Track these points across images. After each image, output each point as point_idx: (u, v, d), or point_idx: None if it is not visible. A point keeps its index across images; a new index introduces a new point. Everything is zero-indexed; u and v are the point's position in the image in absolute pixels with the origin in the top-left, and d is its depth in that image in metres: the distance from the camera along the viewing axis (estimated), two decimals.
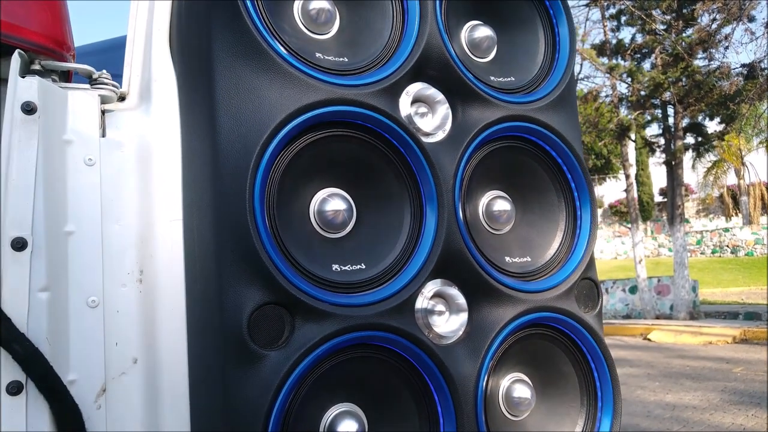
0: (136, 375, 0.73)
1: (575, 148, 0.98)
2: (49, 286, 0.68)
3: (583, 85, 12.59)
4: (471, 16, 0.99)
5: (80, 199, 0.73)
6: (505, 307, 0.89)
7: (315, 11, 0.84)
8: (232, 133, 0.73)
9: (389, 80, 0.83)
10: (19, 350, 0.64)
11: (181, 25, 0.84)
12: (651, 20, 10.67)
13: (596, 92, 11.78)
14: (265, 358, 0.71)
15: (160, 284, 0.76)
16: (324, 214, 0.81)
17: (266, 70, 0.75)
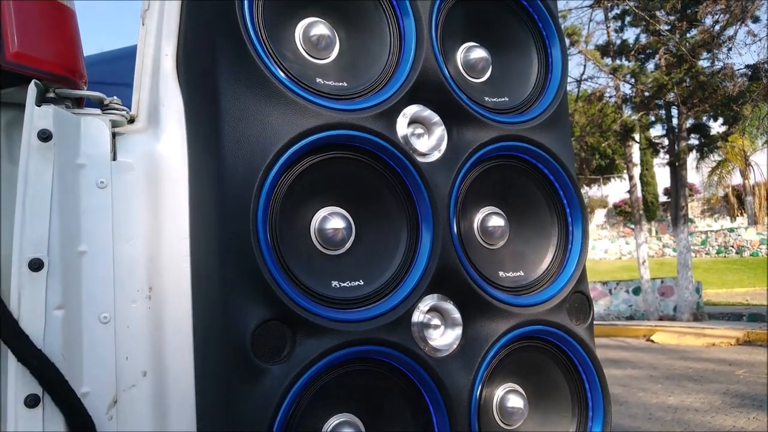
0: (146, 387, 0.77)
1: (567, 166, 1.01)
2: (64, 304, 0.72)
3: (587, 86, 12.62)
4: (467, 38, 1.02)
5: (93, 220, 0.77)
6: (498, 321, 0.92)
7: (316, 37, 0.88)
8: (237, 158, 0.77)
9: (387, 104, 0.87)
10: (37, 365, 0.68)
11: (187, 52, 0.88)
12: (655, 21, 10.66)
13: (600, 93, 11.78)
14: (268, 372, 0.75)
15: (168, 301, 0.80)
16: (324, 232, 0.84)
17: (269, 96, 0.79)
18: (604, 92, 11.90)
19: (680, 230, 11.29)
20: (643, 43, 11.25)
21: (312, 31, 0.88)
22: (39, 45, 0.75)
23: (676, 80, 10.21)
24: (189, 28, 0.87)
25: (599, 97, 11.72)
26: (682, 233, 11.28)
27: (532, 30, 1.04)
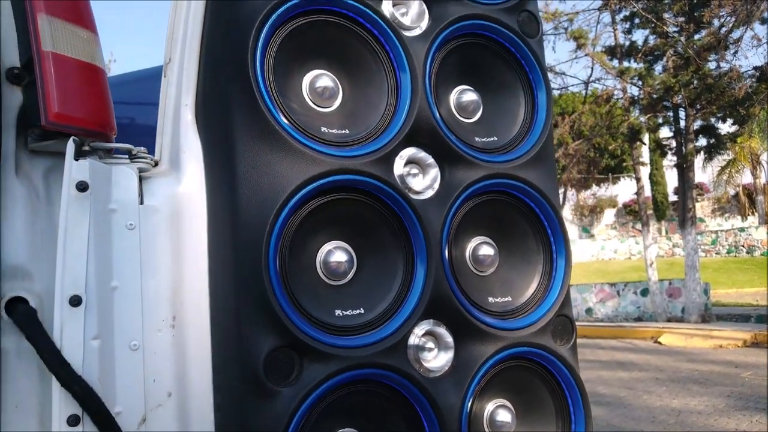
0: (171, 406, 0.87)
1: (552, 200, 1.10)
2: (99, 335, 0.83)
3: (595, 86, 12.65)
4: (460, 81, 1.11)
5: (123, 258, 0.87)
6: (487, 344, 1.02)
7: (321, 88, 0.97)
8: (250, 204, 0.87)
9: (385, 149, 0.96)
10: (78, 390, 0.78)
11: (205, 103, 0.98)
12: (662, 23, 10.68)
13: (608, 95, 11.81)
14: (279, 394, 0.84)
15: (190, 329, 0.90)
16: (329, 265, 0.94)
17: (278, 147, 0.88)
18: (612, 94, 11.93)
19: (688, 232, 11.30)
20: (650, 45, 11.26)
21: (318, 83, 0.97)
22: (76, 105, 0.85)
23: (683, 82, 10.22)
24: (206, 82, 0.97)
25: (607, 99, 11.74)
26: (689, 235, 11.28)
27: (520, 74, 1.13)
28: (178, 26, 1.02)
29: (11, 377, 0.85)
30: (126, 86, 2.26)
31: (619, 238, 31.26)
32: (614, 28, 11.39)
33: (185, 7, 1.01)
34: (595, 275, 24.25)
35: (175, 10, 1.04)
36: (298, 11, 0.93)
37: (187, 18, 1.00)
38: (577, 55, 11.17)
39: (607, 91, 12.00)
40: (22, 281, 0.87)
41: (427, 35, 1.03)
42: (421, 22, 1.04)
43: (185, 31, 1.00)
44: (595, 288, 13.21)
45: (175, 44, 1.02)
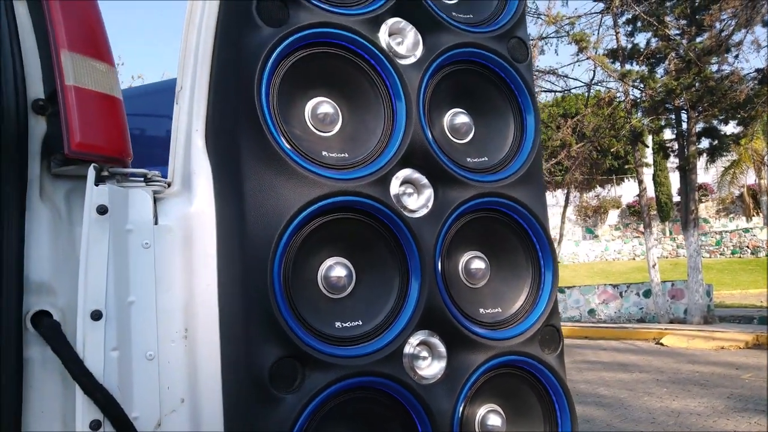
0: (184, 412, 0.94)
1: (539, 217, 1.16)
2: (118, 346, 0.90)
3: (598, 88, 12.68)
4: (452, 105, 1.18)
5: (139, 275, 0.94)
6: (478, 353, 1.08)
7: (322, 114, 1.04)
8: (257, 223, 0.94)
9: (382, 171, 1.03)
10: (100, 397, 0.85)
11: (214, 129, 1.05)
12: (663, 26, 10.71)
13: (610, 98, 11.84)
14: (283, 400, 0.91)
15: (201, 340, 0.97)
16: (329, 279, 1.01)
17: (282, 172, 0.95)
18: (614, 97, 11.96)
19: (690, 234, 11.32)
20: (652, 48, 11.29)
21: (319, 109, 1.04)
22: (96, 134, 0.93)
23: (685, 85, 10.25)
24: (216, 110, 1.04)
25: (609, 102, 11.78)
26: (692, 237, 11.31)
27: (510, 98, 1.20)
28: (189, 56, 1.09)
29: (37, 385, 0.92)
30: (136, 99, 2.35)
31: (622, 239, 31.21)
32: (616, 31, 11.43)
33: (195, 37, 1.08)
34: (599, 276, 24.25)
35: (186, 40, 1.11)
36: (301, 44, 1.00)
37: (197, 48, 1.07)
38: (579, 58, 11.21)
39: (609, 93, 12.03)
40: (46, 296, 0.94)
41: (421, 63, 1.10)
42: (416, 50, 1.11)
43: (195, 61, 1.07)
44: (597, 289, 13.24)
45: (186, 73, 1.09)
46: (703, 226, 28.41)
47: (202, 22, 1.07)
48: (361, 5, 1.06)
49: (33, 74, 0.95)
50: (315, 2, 1.01)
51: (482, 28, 1.18)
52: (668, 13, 10.88)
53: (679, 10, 10.54)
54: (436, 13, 1.12)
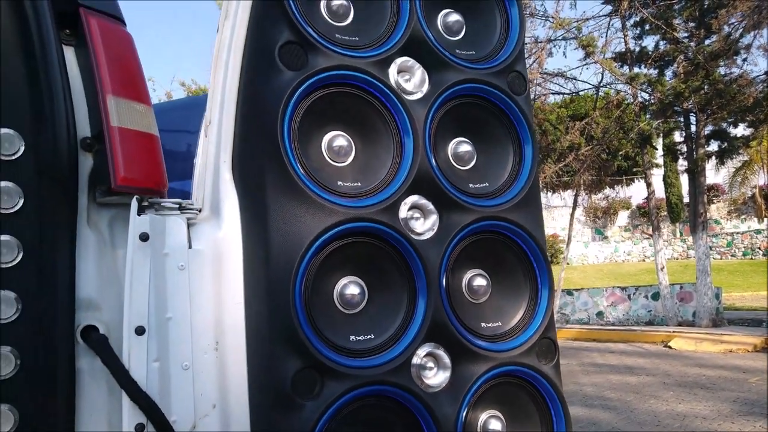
0: (215, 416, 1.06)
1: (537, 237, 1.27)
2: (159, 358, 1.01)
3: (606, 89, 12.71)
4: (456, 134, 1.29)
5: (175, 294, 1.06)
6: (479, 363, 1.19)
7: (337, 147, 1.15)
8: (280, 248, 1.05)
9: (391, 199, 1.14)
10: (143, 403, 0.97)
11: (240, 161, 1.16)
12: (672, 29, 10.74)
13: (619, 101, 11.88)
14: (304, 407, 1.02)
15: (230, 352, 1.08)
16: (344, 297, 1.12)
17: (303, 202, 1.06)
18: (623, 100, 11.99)
19: (699, 237, 11.33)
20: (661, 50, 11.32)
21: (335, 143, 1.15)
22: (137, 169, 1.04)
23: (694, 88, 10.28)
24: (241, 144, 1.16)
25: (618, 105, 11.81)
26: (700, 240, 11.31)
27: (509, 128, 1.30)
28: (216, 93, 1.21)
29: (86, 392, 1.04)
30: (168, 114, 2.49)
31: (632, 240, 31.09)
32: (624, 34, 11.47)
33: (222, 76, 1.20)
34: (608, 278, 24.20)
35: (214, 78, 1.23)
36: (319, 85, 1.11)
37: (224, 87, 1.18)
38: (587, 62, 11.26)
39: (618, 96, 12.07)
40: (93, 312, 1.06)
41: (427, 99, 1.21)
42: (423, 87, 1.22)
43: (222, 99, 1.18)
44: (606, 291, 13.26)
45: (214, 109, 1.20)
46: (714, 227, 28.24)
47: (228, 63, 1.18)
48: (372, 48, 1.17)
49: (81, 115, 1.07)
50: (331, 47, 1.12)
51: (483, 65, 1.28)
52: (677, 16, 10.90)
53: (687, 13, 10.57)
54: (441, 52, 1.23)
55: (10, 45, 1.07)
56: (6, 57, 1.06)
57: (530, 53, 12.46)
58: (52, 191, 1.04)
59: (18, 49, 1.07)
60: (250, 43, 1.14)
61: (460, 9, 1.32)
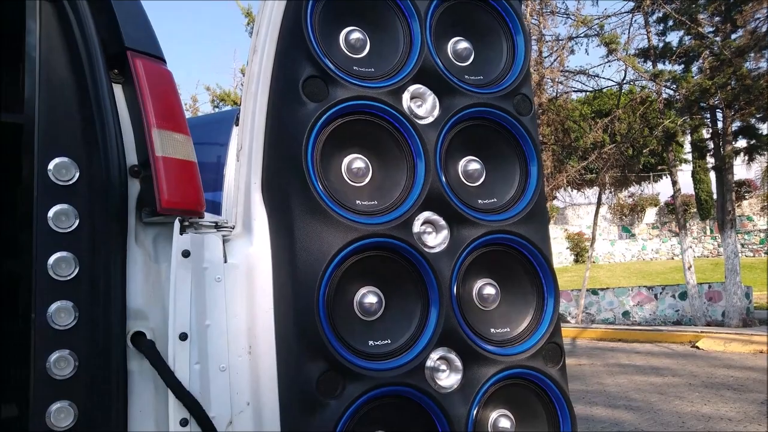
0: (249, 412, 1.18)
1: (543, 249, 1.36)
2: (200, 361, 1.14)
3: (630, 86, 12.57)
4: (466, 153, 1.39)
5: (213, 304, 1.19)
6: (489, 366, 1.29)
7: (356, 169, 1.27)
8: (305, 262, 1.17)
9: (405, 216, 1.25)
10: (187, 401, 1.09)
11: (269, 184, 1.28)
12: (696, 24, 10.60)
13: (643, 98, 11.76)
14: (327, 405, 1.14)
15: (261, 355, 1.21)
16: (363, 305, 1.23)
17: (325, 221, 1.18)
18: (648, 97, 11.87)
19: (727, 235, 11.16)
20: (685, 46, 11.17)
21: (353, 165, 1.27)
22: (179, 194, 1.17)
23: (720, 84, 10.14)
24: (270, 168, 1.28)
25: (642, 102, 11.70)
26: (729, 238, 11.14)
27: (516, 148, 1.40)
28: (247, 121, 1.33)
29: (136, 391, 1.17)
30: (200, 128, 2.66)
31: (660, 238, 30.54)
32: (647, 30, 11.36)
33: (252, 106, 1.32)
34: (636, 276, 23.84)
35: (245, 107, 1.35)
36: (338, 114, 1.23)
37: (254, 116, 1.31)
38: (609, 59, 11.19)
39: (642, 92, 11.95)
40: (141, 320, 1.19)
41: (438, 123, 1.32)
42: (434, 112, 1.33)
43: (252, 127, 1.31)
44: (632, 291, 13.14)
45: (245, 135, 1.33)
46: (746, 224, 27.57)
47: (257, 94, 1.30)
48: (386, 78, 1.28)
49: (129, 145, 1.21)
50: (349, 79, 1.24)
51: (490, 89, 1.38)
52: (701, 11, 10.76)
53: (712, 8, 10.42)
54: (450, 79, 1.33)
55: (66, 84, 1.21)
56: (63, 94, 1.21)
57: (551, 51, 12.43)
58: (105, 213, 1.18)
59: (73, 87, 1.21)
60: (276, 76, 1.27)
61: (469, 37, 1.42)
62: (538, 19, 12.18)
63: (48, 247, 1.15)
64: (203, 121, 2.80)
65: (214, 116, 2.77)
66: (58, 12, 1.22)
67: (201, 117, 2.93)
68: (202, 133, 2.70)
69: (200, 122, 2.82)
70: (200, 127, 2.72)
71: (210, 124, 2.68)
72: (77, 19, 1.19)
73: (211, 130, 2.72)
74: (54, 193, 1.17)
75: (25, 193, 1.18)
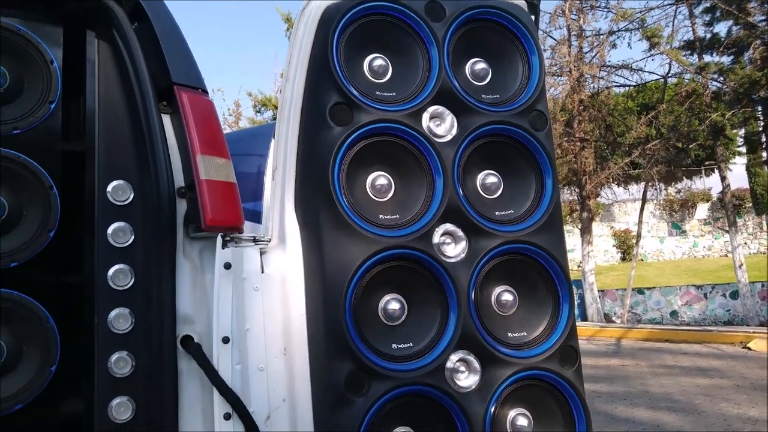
0: (285, 408, 1.31)
1: (558, 257, 1.44)
2: (240, 361, 1.28)
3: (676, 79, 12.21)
4: (483, 168, 1.48)
5: (252, 310, 1.32)
6: (505, 368, 1.38)
7: (379, 185, 1.38)
8: (333, 272, 1.28)
9: (425, 228, 1.35)
10: (230, 397, 1.23)
11: (301, 201, 1.41)
12: (745, 14, 10.22)
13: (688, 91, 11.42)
14: (355, 402, 1.25)
15: (296, 356, 1.33)
16: (387, 311, 1.34)
17: (350, 234, 1.29)
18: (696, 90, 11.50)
19: None
20: (734, 37, 10.78)
21: (377, 182, 1.38)
22: (221, 213, 1.31)
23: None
24: (302, 186, 1.40)
25: (687, 96, 11.37)
26: None
27: (532, 163, 1.48)
28: (281, 143, 1.46)
29: (185, 388, 1.31)
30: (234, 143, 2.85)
31: (713, 234, 29.40)
32: (692, 22, 11.02)
33: (285, 130, 1.45)
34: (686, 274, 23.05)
35: (279, 130, 1.48)
36: (363, 137, 1.34)
37: (287, 139, 1.44)
38: (651, 53, 10.91)
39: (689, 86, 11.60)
40: (189, 325, 1.33)
41: (455, 140, 1.41)
42: (452, 130, 1.42)
43: (286, 149, 1.44)
44: (680, 290, 12.77)
45: (279, 156, 1.46)
46: None
47: (290, 120, 1.43)
48: (406, 101, 1.39)
49: (176, 169, 1.35)
50: (371, 104, 1.35)
51: (506, 107, 1.47)
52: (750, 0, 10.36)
53: None
54: (467, 99, 1.43)
55: (122, 115, 1.37)
56: (119, 124, 1.36)
57: (591, 47, 12.22)
58: (156, 229, 1.33)
59: (128, 118, 1.37)
60: (306, 103, 1.39)
61: (487, 57, 1.51)
62: (578, 15, 11.99)
63: (108, 261, 1.30)
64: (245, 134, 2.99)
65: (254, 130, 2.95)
66: (114, 51, 1.38)
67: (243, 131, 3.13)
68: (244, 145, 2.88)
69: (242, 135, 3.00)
70: (243, 140, 2.89)
71: (251, 137, 2.86)
72: (131, 58, 1.35)
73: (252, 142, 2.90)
74: (112, 213, 1.32)
75: (87, 212, 1.34)
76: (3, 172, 1.23)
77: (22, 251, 1.22)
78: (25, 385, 1.21)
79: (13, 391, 1.20)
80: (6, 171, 1.23)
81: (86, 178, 1.37)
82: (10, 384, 1.21)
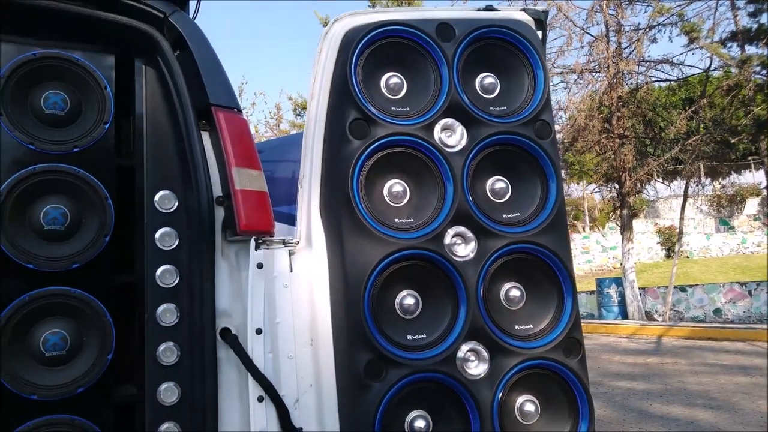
0: (312, 393, 1.47)
1: (561, 256, 1.55)
2: (272, 350, 1.44)
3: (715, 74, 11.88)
4: (492, 174, 1.60)
5: (282, 305, 1.48)
6: (512, 357, 1.50)
7: (395, 192, 1.52)
8: (353, 271, 1.43)
9: (437, 230, 1.49)
10: (263, 383, 1.39)
11: (326, 207, 1.56)
12: None
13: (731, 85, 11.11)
14: (373, 387, 1.40)
15: (321, 347, 1.49)
16: (403, 305, 1.48)
17: (369, 237, 1.44)
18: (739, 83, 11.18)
19: None
20: None
21: (393, 189, 1.52)
22: (254, 219, 1.47)
23: None
24: (326, 194, 1.56)
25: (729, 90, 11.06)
26: None
27: (537, 168, 1.59)
28: (307, 155, 1.62)
29: (224, 374, 1.48)
30: (270, 150, 3.04)
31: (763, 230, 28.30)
32: (734, 14, 10.72)
33: (311, 143, 1.61)
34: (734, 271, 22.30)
35: (305, 144, 1.64)
36: (379, 149, 1.49)
37: (313, 151, 1.59)
38: (691, 47, 10.66)
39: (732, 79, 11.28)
40: (227, 318, 1.51)
41: (465, 150, 1.54)
42: (462, 141, 1.55)
43: (311, 160, 1.59)
44: (723, 287, 12.44)
45: (306, 166, 1.62)
46: None
47: (315, 134, 1.59)
48: (419, 115, 1.53)
49: (214, 180, 1.53)
50: (387, 119, 1.49)
51: (513, 118, 1.59)
52: None
53: None
54: (475, 112, 1.55)
55: (166, 133, 1.55)
56: (164, 141, 1.55)
57: (630, 41, 12.02)
58: (198, 233, 1.50)
59: (172, 136, 1.55)
60: (329, 119, 1.54)
61: (495, 72, 1.63)
62: (616, 9, 11.81)
63: (156, 262, 1.48)
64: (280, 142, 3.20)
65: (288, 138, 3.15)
66: (159, 77, 1.56)
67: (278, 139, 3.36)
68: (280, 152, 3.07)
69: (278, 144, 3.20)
70: (278, 148, 3.08)
71: (286, 145, 3.06)
72: (174, 82, 1.53)
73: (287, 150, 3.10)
74: (159, 219, 1.51)
75: (137, 220, 1.53)
76: (65, 186, 1.42)
77: (82, 254, 1.41)
78: (86, 372, 1.39)
79: (75, 376, 1.38)
80: (68, 184, 1.42)
81: (136, 190, 1.55)
82: (73, 370, 1.39)
